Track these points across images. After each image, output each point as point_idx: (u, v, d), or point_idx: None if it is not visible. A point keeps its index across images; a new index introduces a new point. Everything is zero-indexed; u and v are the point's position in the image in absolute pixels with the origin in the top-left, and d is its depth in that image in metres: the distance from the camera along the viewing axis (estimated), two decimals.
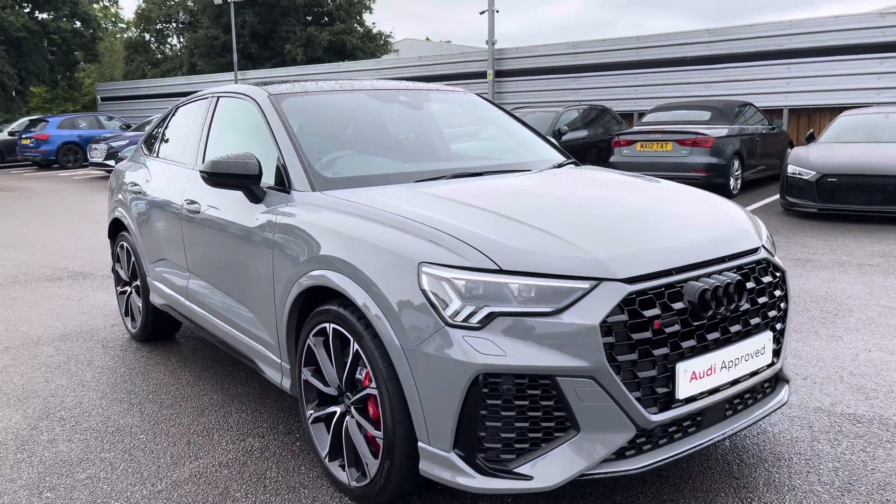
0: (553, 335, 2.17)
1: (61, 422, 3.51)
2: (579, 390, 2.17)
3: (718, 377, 2.39)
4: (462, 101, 4.26)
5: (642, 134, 11.19)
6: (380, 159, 3.45)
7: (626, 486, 2.74)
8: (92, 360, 4.43)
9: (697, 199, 3.08)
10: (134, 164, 4.89)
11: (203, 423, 3.45)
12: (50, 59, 32.26)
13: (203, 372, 4.15)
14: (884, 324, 4.64)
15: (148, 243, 4.41)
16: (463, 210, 2.65)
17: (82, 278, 6.77)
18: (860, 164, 8.54)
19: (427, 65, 22.82)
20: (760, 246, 2.70)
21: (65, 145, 21.44)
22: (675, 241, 2.51)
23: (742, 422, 2.57)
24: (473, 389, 2.18)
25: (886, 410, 3.34)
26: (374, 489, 2.53)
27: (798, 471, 2.83)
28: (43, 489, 2.87)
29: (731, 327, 2.43)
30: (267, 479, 2.88)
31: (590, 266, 2.25)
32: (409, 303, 2.32)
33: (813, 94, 15.47)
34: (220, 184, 3.19)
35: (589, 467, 2.21)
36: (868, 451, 2.97)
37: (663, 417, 2.27)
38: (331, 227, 2.72)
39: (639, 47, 17.97)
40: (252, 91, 3.65)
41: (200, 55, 36.14)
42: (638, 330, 2.21)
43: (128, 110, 29.39)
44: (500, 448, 2.23)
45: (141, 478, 2.93)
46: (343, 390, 2.68)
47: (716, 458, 2.95)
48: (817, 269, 6.25)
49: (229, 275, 3.46)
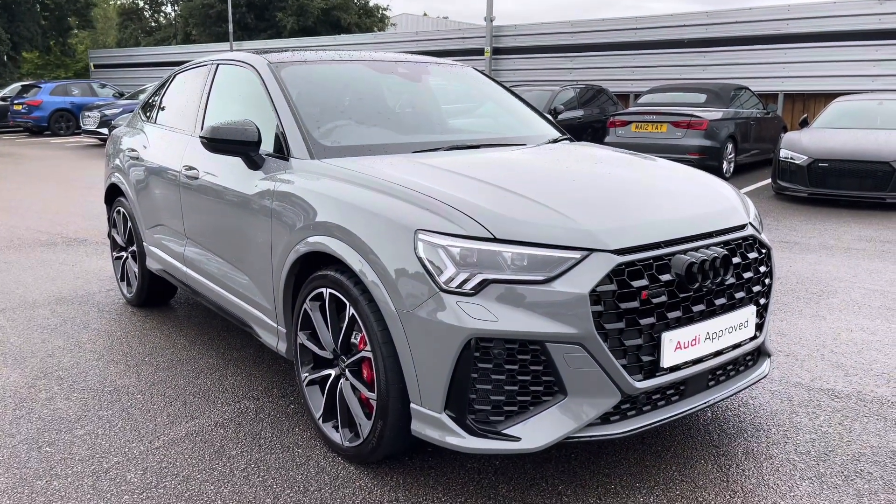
0: (544, 303, 2.24)
1: (59, 381, 3.57)
2: (567, 356, 2.25)
3: (702, 348, 2.48)
4: (460, 75, 4.30)
5: (638, 115, 11.22)
6: (378, 129, 3.49)
7: (609, 451, 2.84)
8: (88, 322, 4.48)
9: (688, 176, 3.14)
10: (131, 130, 4.90)
11: (199, 385, 3.52)
12: (43, 24, 31.88)
13: (198, 336, 4.22)
14: (866, 305, 4.74)
15: (145, 209, 4.45)
16: (459, 180, 2.71)
17: (77, 244, 6.79)
18: (851, 149, 8.62)
19: (424, 40, 22.67)
20: (748, 223, 2.77)
21: (57, 112, 21.23)
22: (664, 215, 2.58)
23: (723, 392, 2.66)
24: (465, 353, 2.26)
25: (864, 387, 3.45)
26: (366, 449, 2.61)
27: (776, 441, 2.93)
28: (42, 444, 2.94)
29: (716, 300, 2.51)
30: (262, 439, 2.96)
31: (581, 237, 2.32)
32: (404, 269, 2.38)
33: (808, 79, 15.51)
34: (219, 150, 3.23)
35: (574, 431, 2.29)
36: (844, 425, 3.07)
37: (648, 385, 2.35)
38: (329, 195, 2.77)
39: (637, 28, 17.91)
40: (252, 59, 3.68)
41: (195, 24, 35.80)
42: (626, 299, 2.29)
43: (121, 78, 29.11)
44: (489, 410, 2.31)
45: (138, 435, 3.00)
46: (338, 353, 2.76)
47: (697, 427, 3.05)
48: (805, 251, 6.35)
49: (226, 240, 3.51)
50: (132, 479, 2.66)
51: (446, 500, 2.52)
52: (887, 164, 8.27)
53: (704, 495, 2.54)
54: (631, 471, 2.70)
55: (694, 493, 2.56)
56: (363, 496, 2.54)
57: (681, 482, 2.63)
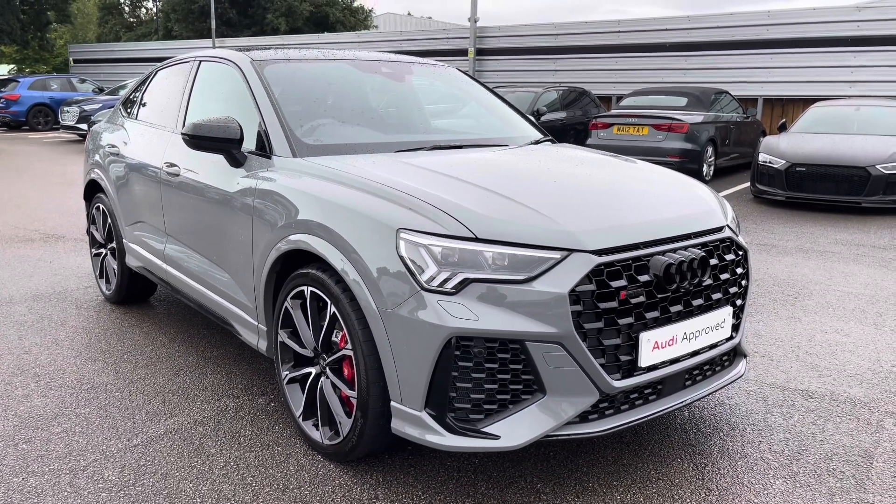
0: (524, 302, 2.26)
1: (35, 378, 3.54)
2: (547, 355, 2.27)
3: (679, 348, 2.51)
4: (443, 75, 4.31)
5: (619, 117, 11.31)
6: (361, 128, 3.50)
7: (587, 449, 2.87)
8: (65, 320, 4.44)
9: (667, 179, 3.18)
10: (112, 126, 4.86)
11: (178, 383, 3.50)
12: (22, 18, 31.42)
13: (178, 335, 4.19)
14: (841, 307, 4.83)
15: (125, 206, 4.42)
16: (441, 180, 2.72)
17: (54, 240, 6.72)
18: (828, 154, 8.75)
19: (408, 39, 22.67)
20: (725, 225, 2.81)
21: (35, 107, 20.98)
22: (643, 216, 2.61)
23: (700, 391, 2.70)
24: (446, 352, 2.27)
25: (837, 388, 3.51)
26: (346, 447, 2.62)
27: (751, 440, 2.97)
28: (18, 441, 2.91)
29: (693, 301, 2.55)
30: (241, 437, 2.95)
31: (561, 237, 2.35)
32: (386, 268, 2.39)
33: (788, 84, 15.72)
34: (201, 147, 3.22)
35: (553, 429, 2.32)
36: (818, 424, 3.12)
37: (626, 384, 2.38)
38: (311, 193, 2.78)
39: (620, 31, 18.04)
40: (235, 56, 3.67)
41: (177, 20, 35.49)
42: (604, 300, 2.31)
43: (101, 73, 28.78)
44: (469, 408, 2.32)
45: (116, 432, 2.99)
46: (319, 352, 2.76)
47: (674, 426, 3.09)
48: (781, 254, 6.44)
49: (208, 238, 3.50)
50: (110, 476, 2.65)
51: (425, 497, 2.53)
52: (863, 168, 8.41)
53: (680, 493, 2.58)
54: (608, 469, 2.74)
55: (670, 490, 2.60)
56: (343, 494, 2.55)
57: (657, 480, 2.66)
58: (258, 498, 2.52)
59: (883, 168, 8.37)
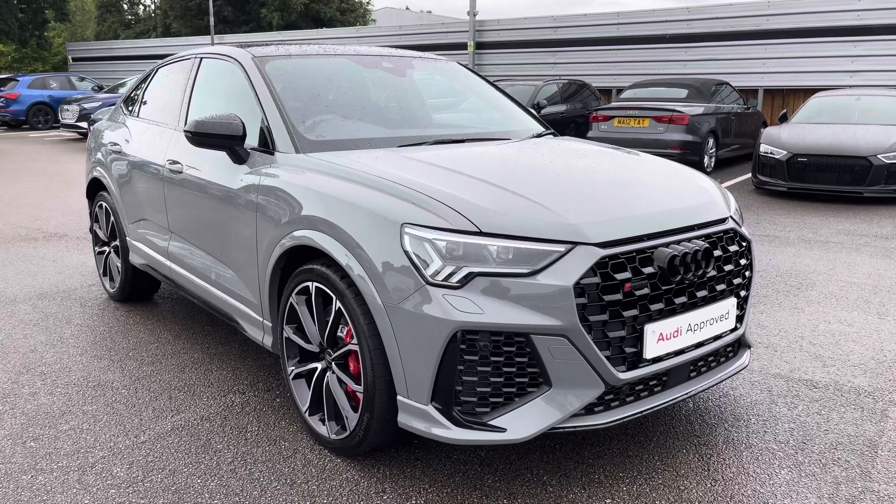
0: (529, 295, 2.27)
1: (42, 376, 3.55)
2: (552, 348, 2.28)
3: (684, 339, 2.52)
4: (444, 70, 4.31)
5: (620, 110, 11.30)
6: (363, 124, 3.50)
7: (593, 441, 2.88)
8: (70, 318, 4.45)
9: (670, 171, 3.18)
10: (113, 124, 4.87)
11: (184, 379, 3.51)
12: (20, 17, 31.38)
13: (182, 331, 4.21)
14: (844, 297, 4.83)
15: (128, 203, 4.42)
16: (445, 174, 2.73)
17: (57, 239, 6.73)
18: (829, 144, 8.74)
19: (408, 34, 22.63)
20: (728, 216, 2.82)
21: (35, 105, 20.96)
22: (647, 209, 2.61)
23: (705, 383, 2.71)
24: (452, 345, 2.28)
25: (841, 377, 3.52)
26: (352, 441, 2.63)
27: (756, 430, 2.98)
28: (26, 439, 2.92)
29: (697, 292, 2.55)
30: (248, 433, 2.97)
31: (565, 230, 2.35)
32: (391, 263, 2.40)
33: (788, 75, 15.69)
34: (203, 143, 3.22)
35: (559, 421, 2.33)
36: (822, 414, 3.13)
37: (631, 376, 2.39)
38: (314, 189, 2.78)
39: (619, 23, 18.00)
40: (236, 53, 3.67)
41: (175, 17, 35.43)
42: (609, 292, 2.32)
43: (100, 71, 28.76)
44: (475, 401, 2.33)
45: (124, 429, 3.00)
46: (324, 347, 2.77)
47: (679, 417, 3.10)
48: (784, 245, 6.45)
49: (211, 235, 3.50)
50: (118, 473, 2.66)
51: (432, 491, 2.55)
52: (865, 158, 8.40)
53: (686, 484, 2.59)
54: (614, 460, 2.75)
55: (676, 481, 2.61)
56: (350, 488, 2.56)
57: (663, 471, 2.68)
58: (266, 493, 2.53)
59: (884, 157, 8.36)
